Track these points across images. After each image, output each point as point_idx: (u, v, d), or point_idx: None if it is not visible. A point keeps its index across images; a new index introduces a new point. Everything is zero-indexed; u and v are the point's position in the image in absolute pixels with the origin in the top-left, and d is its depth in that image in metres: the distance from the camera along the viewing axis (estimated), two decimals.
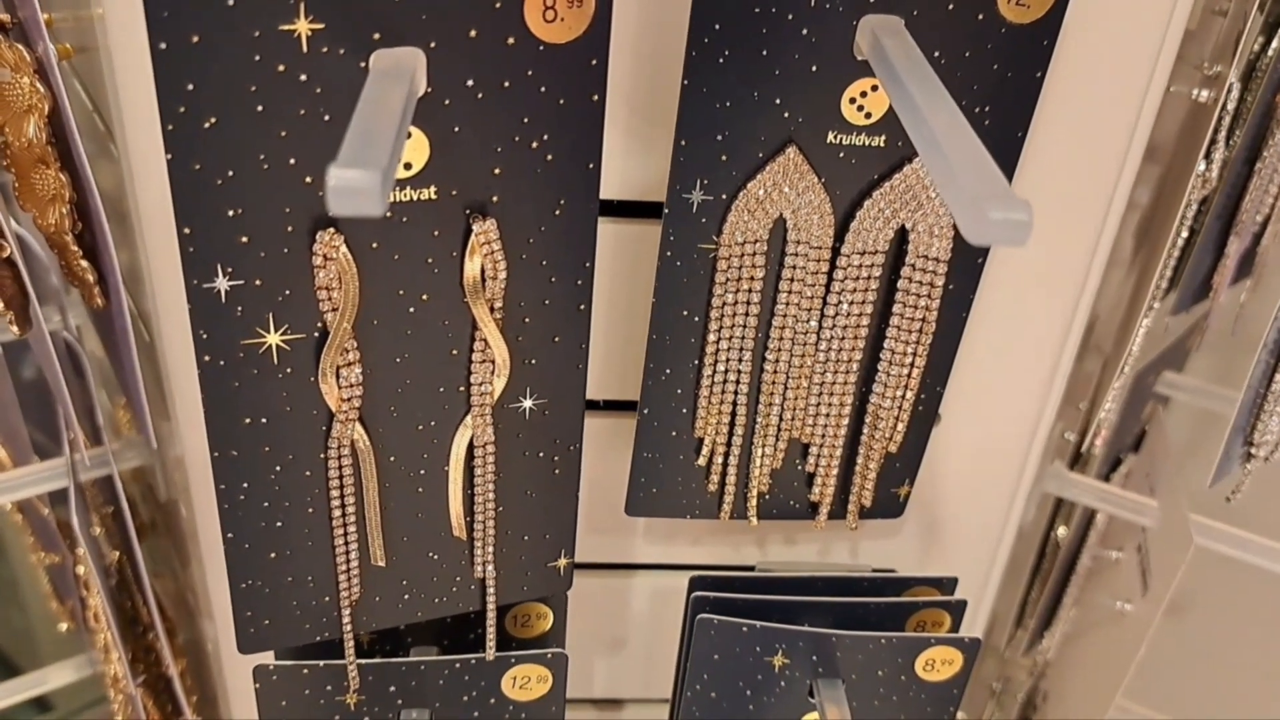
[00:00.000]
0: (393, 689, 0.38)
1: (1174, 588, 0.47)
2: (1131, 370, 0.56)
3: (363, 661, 0.37)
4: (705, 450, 0.38)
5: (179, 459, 0.41)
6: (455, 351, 0.31)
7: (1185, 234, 0.47)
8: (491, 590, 0.35)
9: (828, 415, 0.37)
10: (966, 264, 0.35)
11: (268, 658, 0.37)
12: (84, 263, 0.38)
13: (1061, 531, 0.65)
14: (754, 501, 0.39)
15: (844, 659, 0.40)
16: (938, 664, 0.41)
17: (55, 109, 0.35)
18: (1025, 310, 0.40)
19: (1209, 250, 0.53)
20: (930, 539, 0.45)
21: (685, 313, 0.35)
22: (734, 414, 0.37)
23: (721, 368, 0.36)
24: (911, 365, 0.36)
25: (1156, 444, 0.54)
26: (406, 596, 0.35)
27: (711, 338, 0.35)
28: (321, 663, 0.37)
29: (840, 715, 0.40)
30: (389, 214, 0.28)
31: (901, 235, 0.34)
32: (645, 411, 0.37)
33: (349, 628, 0.34)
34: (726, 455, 0.38)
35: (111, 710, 0.59)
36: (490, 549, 0.34)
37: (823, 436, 0.38)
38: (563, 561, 0.37)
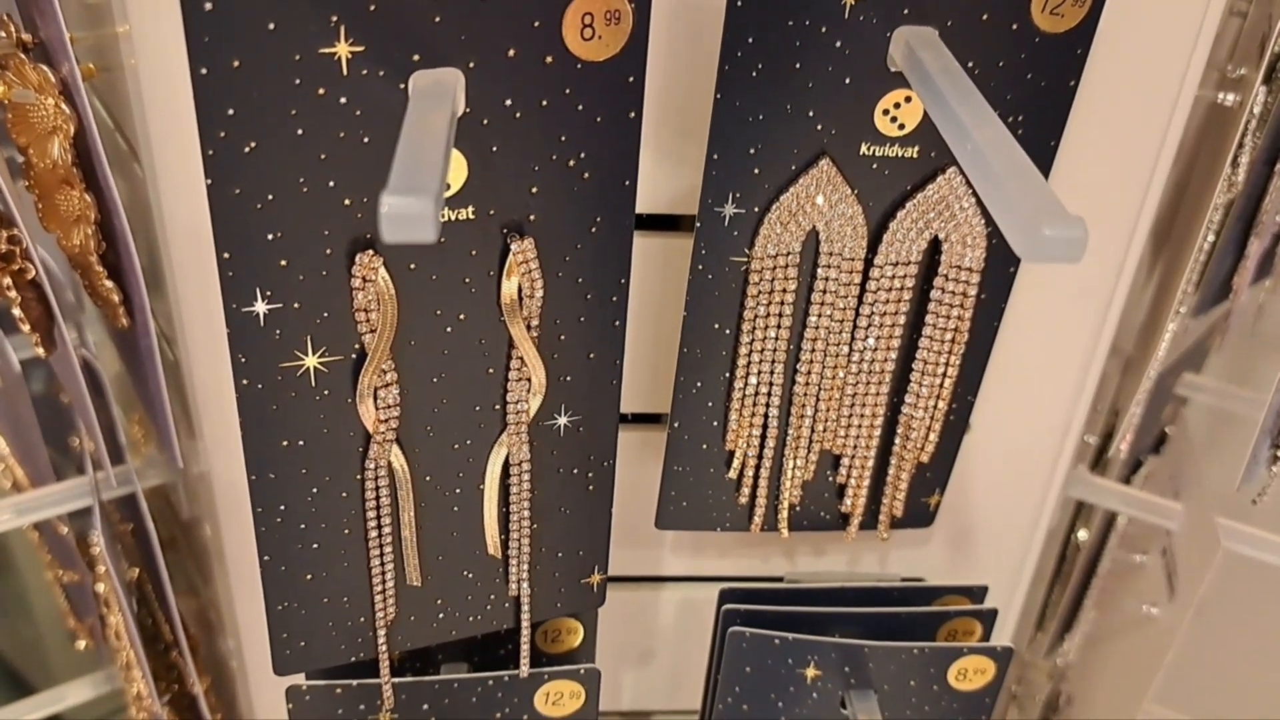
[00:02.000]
0: (426, 707, 0.38)
1: (1202, 591, 0.47)
2: (1155, 374, 0.56)
3: (397, 680, 0.37)
4: (736, 463, 0.38)
5: (203, 476, 0.41)
6: (491, 370, 0.31)
7: (1210, 238, 0.47)
8: (526, 608, 0.35)
9: (860, 427, 0.37)
10: (998, 273, 0.35)
11: (299, 677, 0.37)
12: (109, 283, 0.38)
13: (1082, 534, 0.65)
14: (785, 513, 0.39)
15: (876, 669, 0.40)
16: (970, 673, 0.41)
17: (80, 130, 0.35)
18: (1056, 318, 0.39)
19: (1229, 251, 0.53)
20: (958, 547, 0.44)
21: (716, 325, 0.35)
22: (765, 426, 0.37)
23: (753, 380, 0.36)
24: (944, 375, 0.36)
25: (1180, 447, 0.54)
26: (441, 615, 0.35)
27: (743, 350, 0.35)
28: (355, 682, 0.37)
29: None
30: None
31: (934, 246, 0.34)
32: (676, 425, 0.37)
33: (384, 648, 0.34)
34: (758, 468, 0.38)
35: None
36: (525, 566, 0.34)
37: (854, 448, 0.38)
38: (596, 578, 0.36)
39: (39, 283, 0.38)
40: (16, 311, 0.39)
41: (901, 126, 0.32)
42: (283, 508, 0.30)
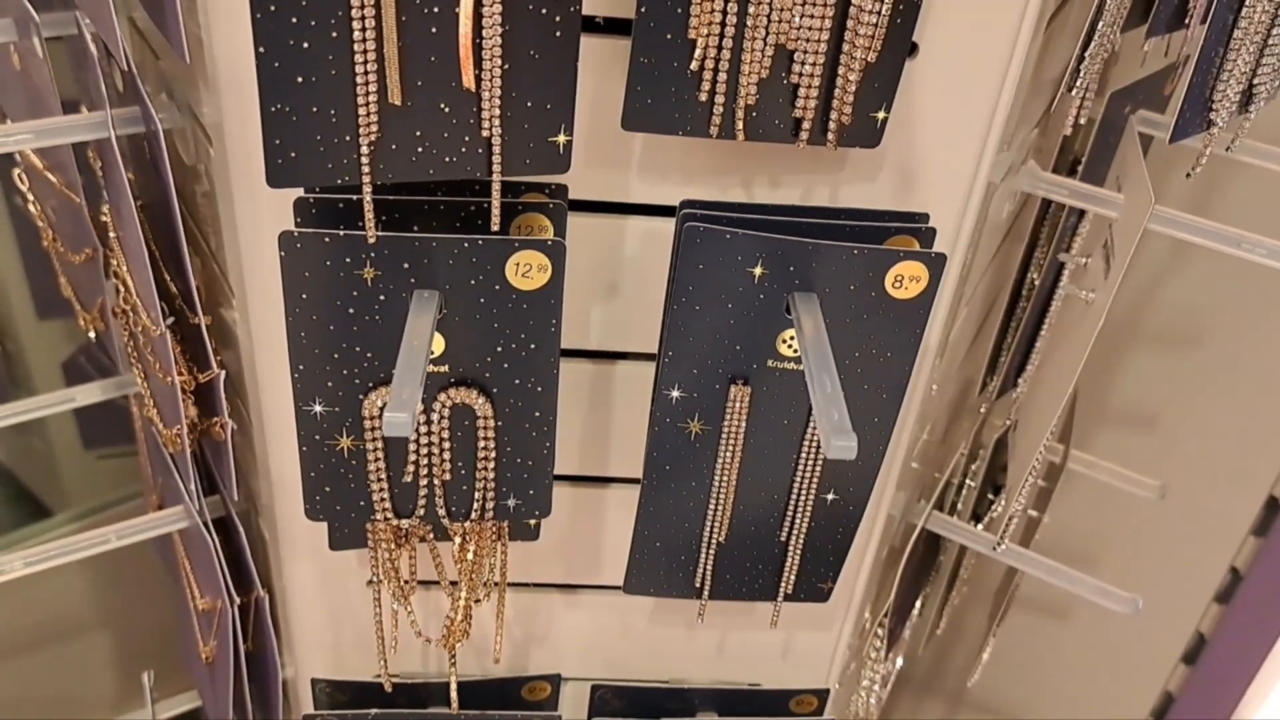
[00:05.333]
0: (406, 266, 0.41)
1: (1131, 253, 0.50)
2: (1101, 89, 0.59)
3: (382, 235, 0.41)
4: (698, 53, 0.41)
5: (212, 79, 0.44)
6: None
7: None
8: (497, 153, 0.39)
9: (813, 17, 0.40)
10: None
11: (289, 220, 0.41)
12: None
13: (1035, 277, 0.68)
14: (741, 114, 0.42)
15: (819, 271, 0.44)
16: (906, 280, 0.44)
17: None
18: None
19: None
20: (906, 187, 0.48)
21: None
22: (725, 14, 0.40)
23: None
24: None
25: (1127, 148, 0.57)
26: (420, 149, 0.38)
27: None
28: (342, 231, 0.40)
29: (815, 326, 0.44)
30: None
31: None
32: (643, 10, 0.40)
33: (367, 170, 0.37)
34: (717, 59, 0.41)
35: (140, 392, 0.63)
36: (496, 106, 0.38)
37: (807, 40, 0.41)
38: (562, 138, 0.40)
39: None
40: None
41: None
42: None
